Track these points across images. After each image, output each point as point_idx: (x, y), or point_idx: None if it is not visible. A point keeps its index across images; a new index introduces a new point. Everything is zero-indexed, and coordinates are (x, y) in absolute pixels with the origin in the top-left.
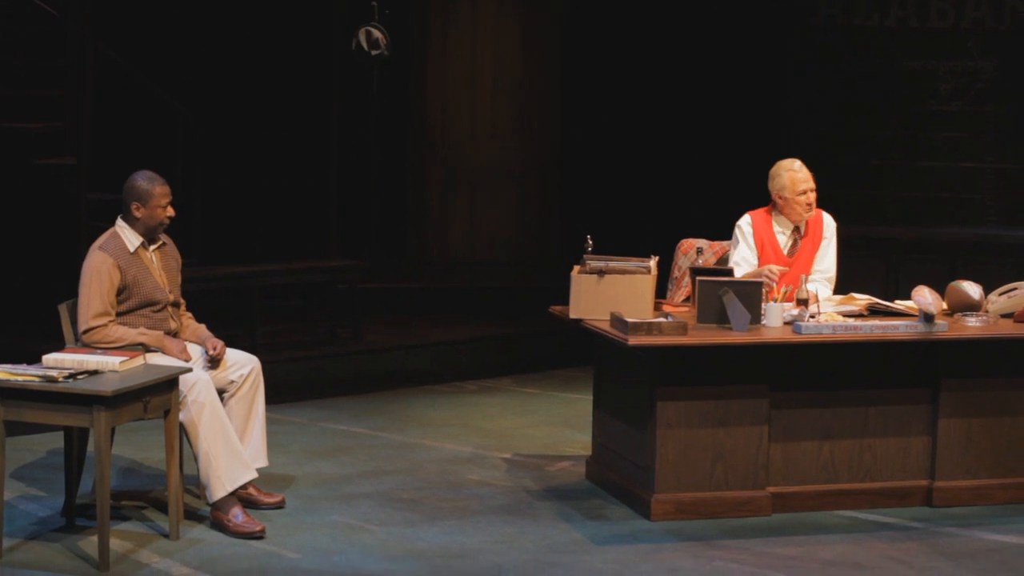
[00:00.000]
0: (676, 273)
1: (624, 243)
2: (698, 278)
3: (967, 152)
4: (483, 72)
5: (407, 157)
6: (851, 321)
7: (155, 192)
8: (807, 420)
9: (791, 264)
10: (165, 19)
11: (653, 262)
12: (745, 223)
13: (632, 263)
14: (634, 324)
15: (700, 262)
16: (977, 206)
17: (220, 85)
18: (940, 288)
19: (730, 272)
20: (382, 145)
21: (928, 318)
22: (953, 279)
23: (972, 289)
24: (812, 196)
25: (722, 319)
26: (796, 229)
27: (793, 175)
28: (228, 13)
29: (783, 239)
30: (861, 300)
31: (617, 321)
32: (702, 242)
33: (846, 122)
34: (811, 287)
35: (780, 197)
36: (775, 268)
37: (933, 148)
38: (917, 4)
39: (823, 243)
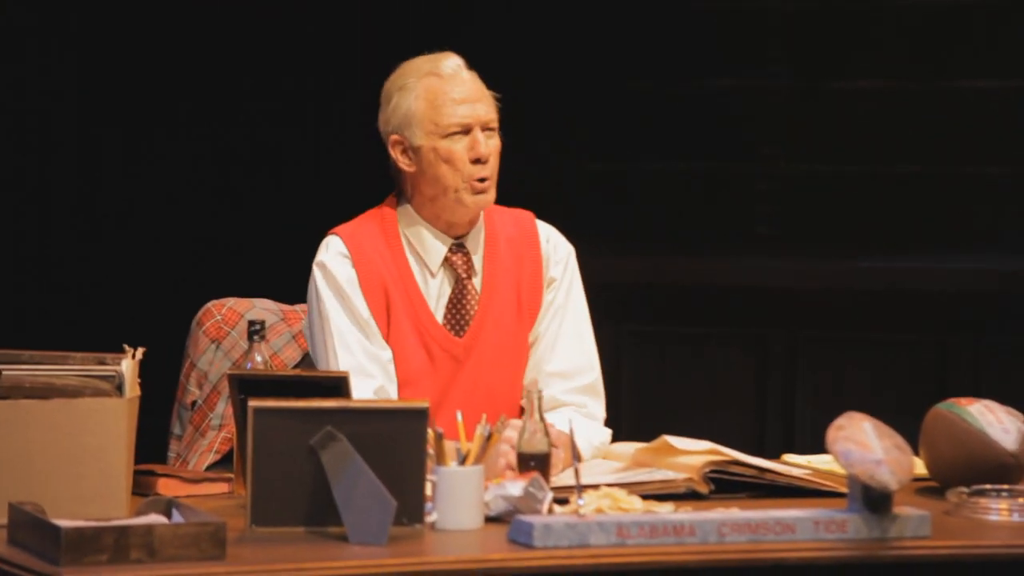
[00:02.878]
0: (195, 391)
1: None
2: (252, 403)
3: None
4: None
5: None
6: (665, 512)
7: None
8: None
9: (466, 349)
10: None
11: (127, 362)
12: (335, 261)
13: (67, 367)
14: (73, 533)
15: (257, 361)
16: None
17: None
18: (907, 420)
19: (341, 385)
20: None
21: (876, 501)
22: (942, 391)
23: (996, 422)
24: (486, 146)
25: (321, 515)
26: (458, 247)
27: (437, 83)
28: None
29: (431, 281)
30: (692, 453)
31: (27, 522)
32: (261, 306)
33: None
34: (556, 417)
35: (405, 148)
36: (512, 426)
37: None
38: None
39: (549, 296)
